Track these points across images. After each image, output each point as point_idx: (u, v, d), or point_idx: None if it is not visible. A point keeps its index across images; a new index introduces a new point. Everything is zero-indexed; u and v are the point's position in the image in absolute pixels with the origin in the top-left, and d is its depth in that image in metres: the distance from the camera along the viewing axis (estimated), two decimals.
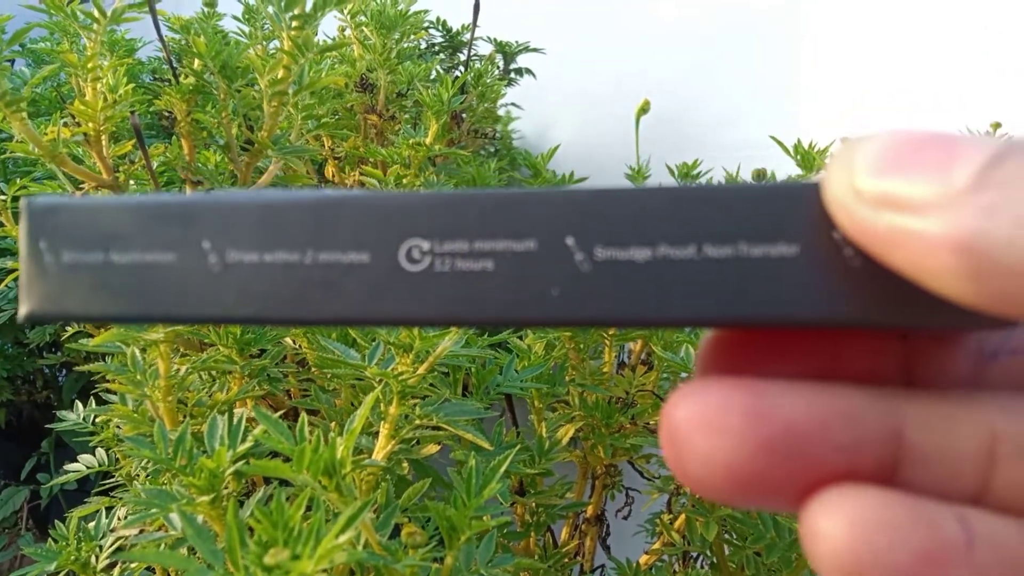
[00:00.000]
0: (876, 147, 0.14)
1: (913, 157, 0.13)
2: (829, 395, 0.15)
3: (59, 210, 0.17)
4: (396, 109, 0.63)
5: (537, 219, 0.15)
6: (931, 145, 0.13)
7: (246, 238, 0.16)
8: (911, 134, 0.14)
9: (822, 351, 0.16)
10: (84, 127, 0.47)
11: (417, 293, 0.15)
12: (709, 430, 0.15)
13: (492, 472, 0.28)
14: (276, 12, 0.42)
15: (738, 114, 0.93)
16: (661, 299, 0.15)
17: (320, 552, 0.24)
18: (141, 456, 0.32)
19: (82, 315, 0.17)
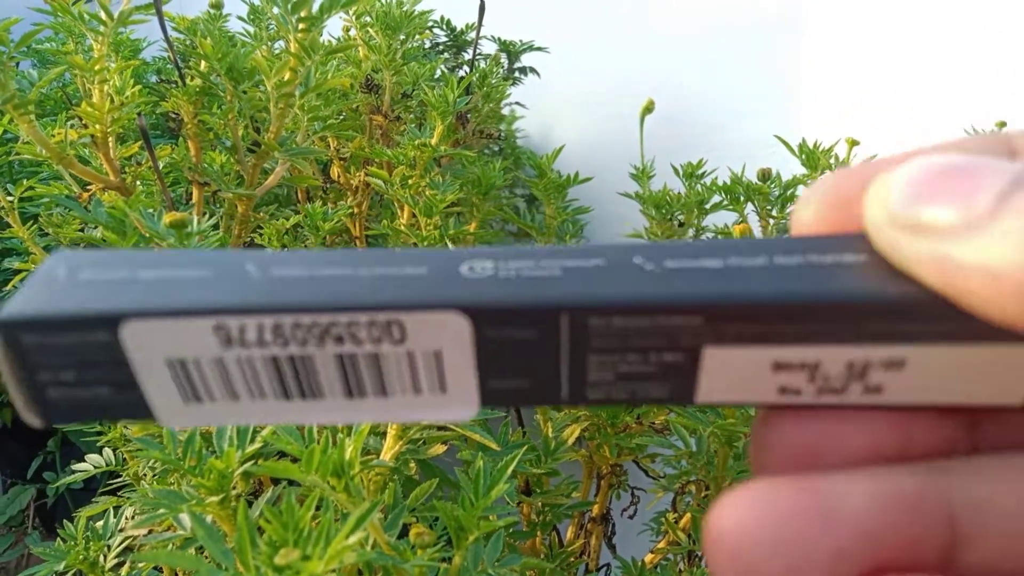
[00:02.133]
0: (907, 177, 0.15)
1: (940, 185, 0.14)
2: (890, 485, 0.15)
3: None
4: (401, 110, 0.63)
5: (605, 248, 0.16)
6: (956, 173, 0.14)
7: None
8: (938, 163, 0.15)
9: (878, 422, 0.16)
10: (91, 129, 0.48)
11: (476, 288, 0.15)
12: (771, 543, 0.14)
13: (500, 472, 0.29)
14: (282, 14, 0.42)
15: (743, 113, 0.93)
16: (730, 285, 0.15)
17: (330, 552, 0.24)
18: (150, 457, 0.32)
19: None
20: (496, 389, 0.16)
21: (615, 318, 0.15)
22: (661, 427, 0.51)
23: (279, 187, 0.60)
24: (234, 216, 0.49)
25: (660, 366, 0.16)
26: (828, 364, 0.15)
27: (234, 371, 0.15)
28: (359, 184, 0.61)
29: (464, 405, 0.16)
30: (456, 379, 0.16)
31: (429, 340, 0.15)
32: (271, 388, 0.16)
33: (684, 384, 0.16)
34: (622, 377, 0.16)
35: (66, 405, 0.15)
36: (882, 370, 0.15)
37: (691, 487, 0.51)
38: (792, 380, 0.16)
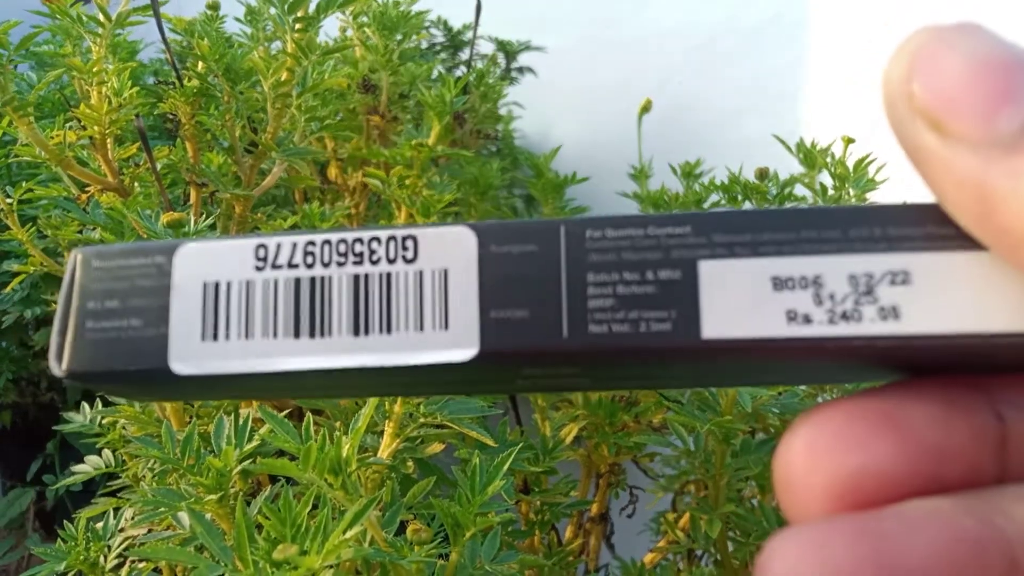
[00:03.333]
0: (945, 59, 0.14)
1: (971, 86, 0.13)
2: (950, 529, 0.14)
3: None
4: (398, 110, 0.63)
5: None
6: (993, 77, 0.13)
7: None
8: (979, 55, 0.13)
9: (924, 449, 0.15)
10: (89, 131, 0.48)
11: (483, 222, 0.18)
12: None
13: (496, 469, 0.29)
14: (279, 14, 0.43)
15: (741, 112, 0.94)
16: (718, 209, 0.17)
17: (327, 548, 0.24)
18: (149, 456, 0.33)
19: None
20: (497, 321, 0.16)
21: (608, 229, 0.16)
22: (659, 426, 0.51)
23: (277, 187, 0.60)
24: (232, 217, 0.50)
25: (659, 286, 0.16)
26: (830, 279, 0.15)
27: (257, 298, 0.17)
28: (356, 184, 0.61)
29: (465, 343, 0.16)
30: (459, 309, 0.16)
31: (438, 258, 0.17)
32: (285, 321, 0.17)
33: (687, 313, 0.16)
34: (622, 303, 0.16)
35: (96, 344, 0.17)
36: (889, 286, 0.15)
37: (690, 487, 0.51)
38: (798, 302, 0.15)
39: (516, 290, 0.16)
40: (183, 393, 0.19)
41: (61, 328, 0.17)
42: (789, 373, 0.18)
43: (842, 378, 0.19)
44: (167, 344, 0.17)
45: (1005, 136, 0.13)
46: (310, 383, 0.18)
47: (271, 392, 0.20)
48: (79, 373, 0.17)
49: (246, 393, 0.20)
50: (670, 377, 0.18)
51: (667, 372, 0.17)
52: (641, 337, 0.16)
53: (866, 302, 0.15)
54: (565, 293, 0.16)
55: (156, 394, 0.20)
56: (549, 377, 0.18)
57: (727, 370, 0.17)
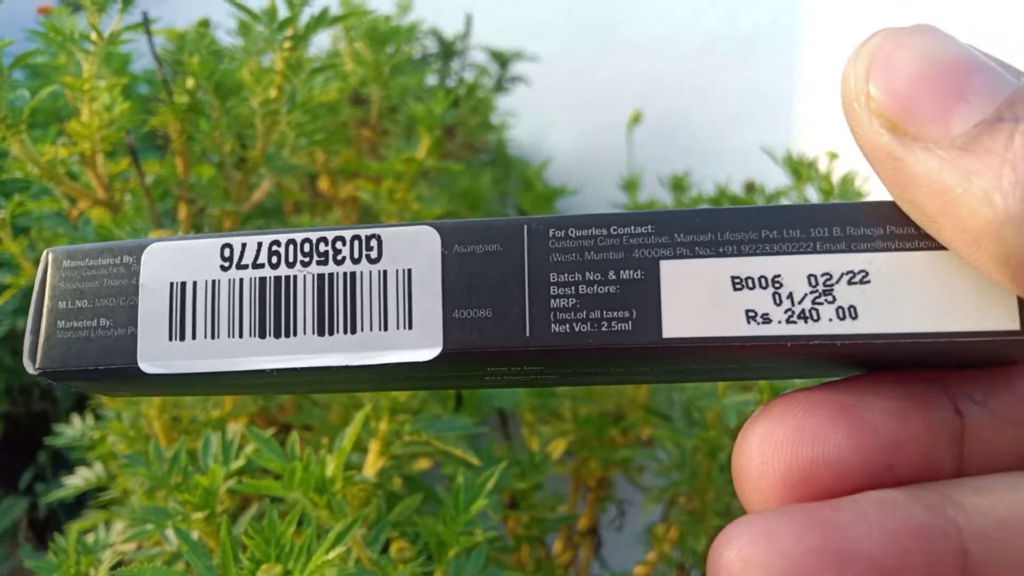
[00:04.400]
0: (901, 60, 0.14)
1: (926, 87, 0.14)
2: (901, 519, 0.14)
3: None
4: (389, 123, 0.63)
5: None
6: (948, 78, 0.13)
7: None
8: (934, 57, 0.14)
9: (880, 441, 0.16)
10: (80, 146, 0.48)
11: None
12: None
13: (480, 487, 0.29)
14: (269, 33, 0.43)
15: (734, 121, 0.94)
16: (680, 209, 0.17)
17: (311, 567, 0.24)
18: (137, 474, 0.33)
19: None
20: (460, 321, 0.17)
21: (572, 229, 0.17)
22: (647, 440, 0.52)
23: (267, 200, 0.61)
24: (221, 231, 0.50)
25: (621, 286, 0.16)
26: (789, 279, 0.16)
27: (223, 298, 0.17)
28: (347, 197, 0.61)
29: (428, 342, 0.17)
30: (422, 309, 0.17)
31: (402, 258, 0.17)
32: (251, 321, 0.17)
33: (648, 313, 0.16)
34: (584, 303, 0.16)
35: (67, 344, 0.18)
36: (847, 285, 0.15)
37: (680, 499, 0.51)
38: (757, 301, 0.16)
39: (479, 290, 0.17)
40: (153, 389, 0.20)
41: (34, 327, 0.18)
42: (749, 370, 0.19)
43: (802, 374, 0.19)
44: (136, 344, 0.18)
45: (958, 136, 0.13)
46: (277, 381, 0.18)
47: (240, 389, 0.21)
48: (51, 372, 0.18)
49: (215, 389, 0.21)
50: (634, 373, 0.18)
51: (630, 369, 0.18)
52: (603, 336, 0.16)
53: (824, 302, 0.16)
54: (528, 293, 0.17)
55: (126, 391, 0.20)
56: (515, 374, 0.18)
57: (688, 367, 0.17)
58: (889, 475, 0.15)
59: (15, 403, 0.98)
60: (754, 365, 0.17)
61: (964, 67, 0.13)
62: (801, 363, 0.17)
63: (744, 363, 0.17)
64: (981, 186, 0.13)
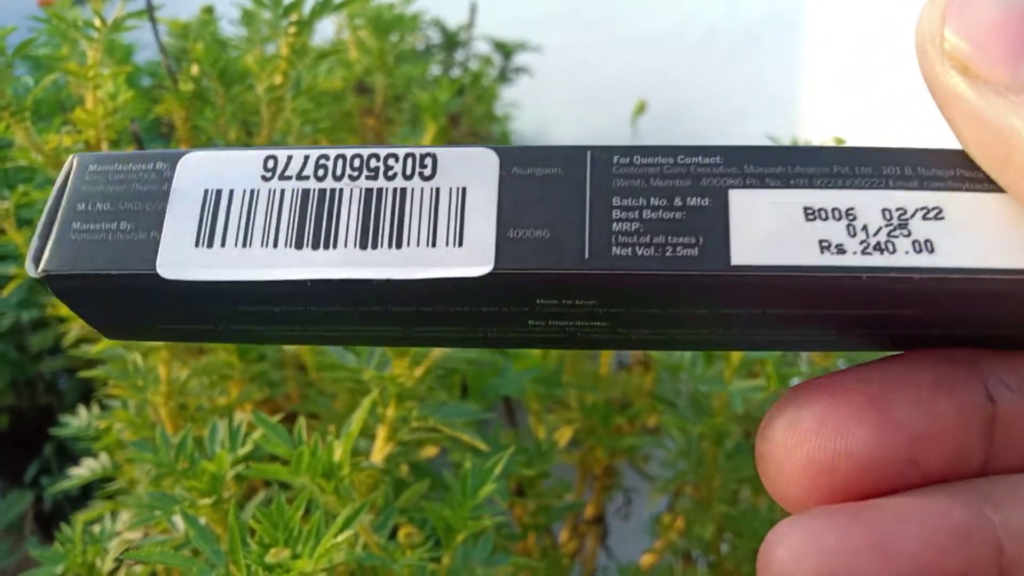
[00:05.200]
0: (979, 6, 0.14)
1: (1000, 31, 0.14)
2: (941, 517, 0.14)
3: None
4: (393, 112, 0.63)
5: None
6: (1020, 24, 0.14)
7: None
8: (1015, 5, 0.14)
9: (910, 434, 0.16)
10: (85, 134, 0.48)
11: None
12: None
13: (487, 472, 0.29)
14: (273, 18, 0.43)
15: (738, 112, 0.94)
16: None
17: (319, 551, 0.24)
18: (144, 460, 0.33)
19: None
20: (514, 241, 0.16)
21: (637, 156, 0.16)
22: (653, 428, 0.51)
23: None
24: None
25: (686, 212, 0.16)
26: (863, 211, 0.15)
27: (261, 207, 0.16)
28: None
29: (479, 260, 0.16)
30: (475, 227, 0.16)
31: (457, 176, 0.16)
32: (288, 232, 0.16)
33: (716, 240, 0.15)
34: (648, 228, 0.16)
35: (80, 245, 0.16)
36: (922, 220, 0.15)
37: (687, 488, 0.51)
38: (830, 232, 0.15)
39: (537, 210, 0.16)
40: (165, 314, 0.18)
41: (44, 231, 0.16)
42: (808, 329, 0.17)
43: (843, 345, 0.19)
44: (156, 249, 0.16)
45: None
46: (301, 313, 0.17)
47: (261, 325, 0.18)
48: (56, 275, 0.16)
49: (235, 317, 0.18)
50: (691, 322, 0.17)
51: (688, 310, 0.16)
52: (667, 261, 0.15)
53: (900, 235, 0.15)
54: (588, 215, 0.16)
55: (134, 317, 0.18)
56: (563, 316, 0.17)
57: (750, 312, 0.16)
58: (914, 470, 0.15)
59: (20, 396, 0.98)
60: (811, 323, 0.17)
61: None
62: (857, 323, 0.16)
63: (804, 320, 0.16)
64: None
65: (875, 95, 0.83)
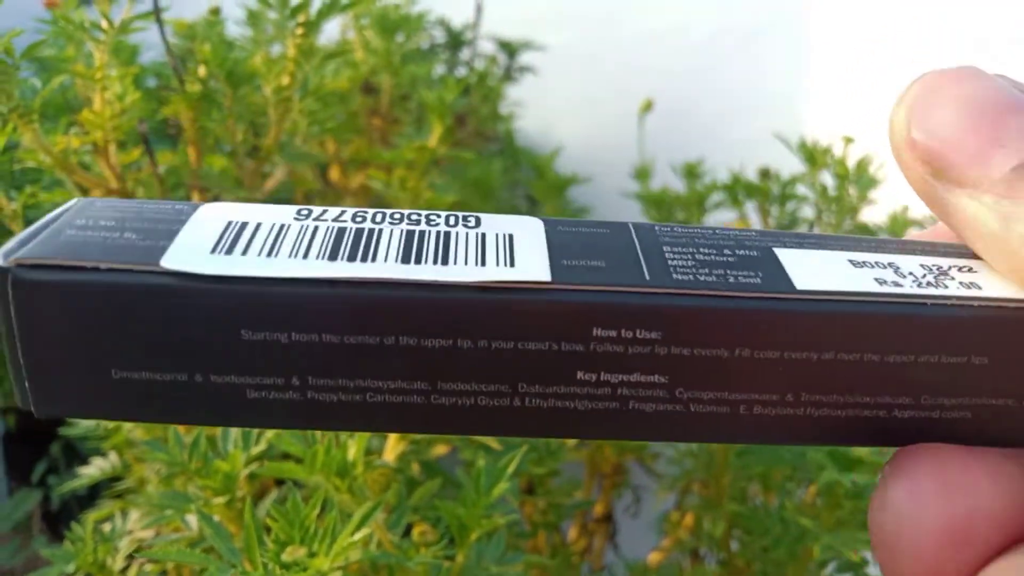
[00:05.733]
0: (938, 109, 0.14)
1: (963, 133, 0.14)
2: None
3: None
4: (400, 112, 0.63)
5: None
6: (983, 124, 0.14)
7: None
8: (970, 103, 0.14)
9: None
10: (92, 136, 0.48)
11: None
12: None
13: (500, 471, 0.29)
14: (280, 20, 0.43)
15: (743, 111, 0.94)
16: None
17: (336, 549, 0.24)
18: (156, 460, 0.33)
19: None
20: (570, 267, 0.15)
21: (676, 227, 0.16)
22: None
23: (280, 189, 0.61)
24: None
25: (737, 258, 0.16)
26: (904, 264, 0.16)
27: (291, 233, 0.15)
28: (359, 186, 0.61)
29: (535, 274, 0.15)
30: (526, 255, 0.15)
31: (501, 226, 0.16)
32: (320, 250, 0.15)
33: (774, 273, 0.15)
34: (704, 264, 0.15)
35: (70, 241, 0.14)
36: (959, 271, 0.16)
37: (694, 486, 0.51)
38: (882, 274, 0.16)
39: (589, 250, 0.15)
40: (138, 343, 0.14)
41: (31, 233, 0.14)
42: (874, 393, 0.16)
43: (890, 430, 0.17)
44: (163, 253, 0.14)
45: (997, 182, 0.13)
46: (312, 346, 0.14)
47: (252, 377, 0.15)
48: (28, 264, 0.13)
49: (221, 368, 0.14)
50: (755, 379, 0.15)
51: (755, 352, 0.15)
52: (730, 285, 0.15)
53: (946, 279, 0.16)
54: (641, 254, 0.15)
55: (93, 357, 0.14)
56: (620, 367, 0.15)
57: (821, 355, 0.15)
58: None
59: None
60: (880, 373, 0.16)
61: (999, 110, 0.14)
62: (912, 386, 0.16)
63: (869, 349, 0.15)
64: (1020, 231, 0.13)
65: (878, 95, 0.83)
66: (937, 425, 0.16)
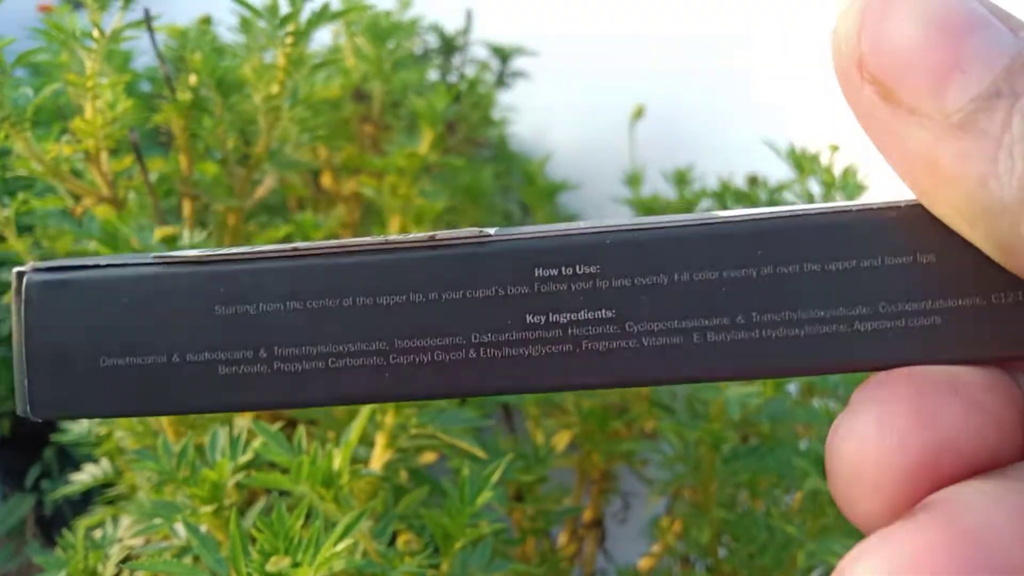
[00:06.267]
0: (893, 21, 0.12)
1: (920, 52, 0.12)
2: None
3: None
4: (391, 119, 0.64)
5: None
6: (942, 42, 0.12)
7: None
8: (929, 15, 0.12)
9: None
10: (84, 144, 0.48)
11: None
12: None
13: (485, 480, 0.29)
14: (270, 29, 0.43)
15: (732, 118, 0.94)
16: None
17: (319, 559, 0.24)
18: (146, 468, 0.33)
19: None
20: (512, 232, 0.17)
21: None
22: (651, 432, 0.52)
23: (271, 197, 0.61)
24: (226, 227, 0.50)
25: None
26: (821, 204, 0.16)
27: None
28: (350, 193, 0.61)
29: (479, 231, 0.16)
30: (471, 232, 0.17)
31: None
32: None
33: (701, 217, 0.16)
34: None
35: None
36: None
37: (684, 492, 0.51)
38: (805, 206, 0.16)
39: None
40: (145, 323, 0.16)
41: None
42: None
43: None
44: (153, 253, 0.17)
45: (954, 113, 0.12)
46: (279, 316, 0.16)
47: (225, 352, 0.16)
48: (44, 268, 0.16)
49: (194, 347, 0.16)
50: (699, 293, 0.16)
51: (692, 271, 0.16)
52: (659, 221, 0.16)
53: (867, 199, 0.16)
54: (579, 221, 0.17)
55: (110, 321, 0.16)
56: (565, 305, 0.16)
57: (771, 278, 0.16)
58: (994, 459, 0.14)
59: None
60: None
61: (961, 27, 0.12)
62: None
63: None
64: (977, 170, 0.12)
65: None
66: (907, 336, 0.15)
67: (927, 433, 0.13)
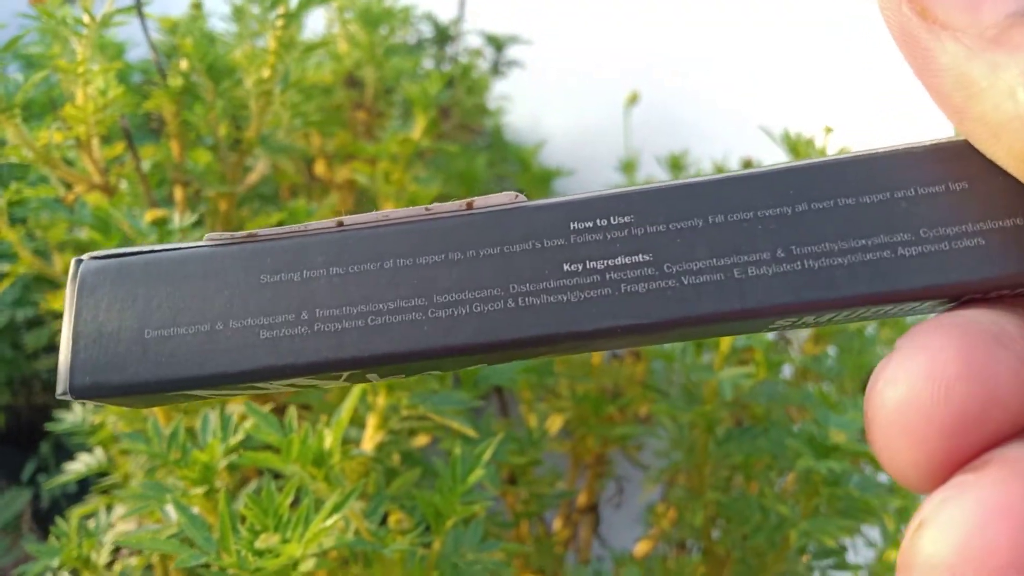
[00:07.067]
0: None
1: None
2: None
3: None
4: (384, 105, 0.63)
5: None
6: None
7: None
8: None
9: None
10: (75, 131, 0.48)
11: None
12: None
13: (476, 458, 0.29)
14: (261, 11, 0.43)
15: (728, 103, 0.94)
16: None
17: (308, 536, 0.24)
18: (137, 451, 0.33)
19: None
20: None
21: None
22: (645, 417, 0.52)
23: (264, 185, 0.61)
24: (217, 214, 0.50)
25: None
26: None
27: None
28: (344, 180, 0.61)
29: (516, 197, 0.17)
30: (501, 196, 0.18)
31: None
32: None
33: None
34: None
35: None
36: None
37: (679, 478, 0.51)
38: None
39: None
40: (191, 297, 0.17)
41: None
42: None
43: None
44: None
45: (988, 26, 0.13)
46: (326, 275, 0.17)
47: (269, 316, 0.17)
48: (99, 256, 0.17)
49: (242, 313, 0.17)
50: (735, 233, 0.16)
51: (726, 213, 0.16)
52: (688, 177, 0.17)
53: None
54: None
55: (159, 298, 0.17)
56: (601, 253, 0.16)
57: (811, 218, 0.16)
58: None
59: (16, 395, 0.98)
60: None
61: None
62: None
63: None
64: (1007, 80, 0.12)
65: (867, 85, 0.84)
66: (953, 258, 0.15)
67: (976, 385, 0.13)
